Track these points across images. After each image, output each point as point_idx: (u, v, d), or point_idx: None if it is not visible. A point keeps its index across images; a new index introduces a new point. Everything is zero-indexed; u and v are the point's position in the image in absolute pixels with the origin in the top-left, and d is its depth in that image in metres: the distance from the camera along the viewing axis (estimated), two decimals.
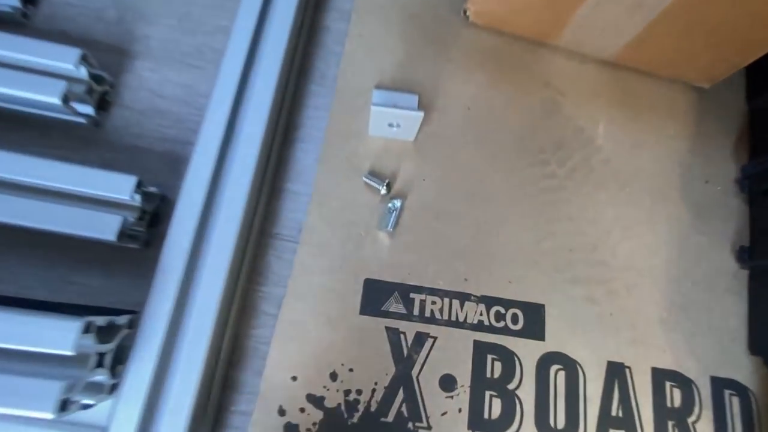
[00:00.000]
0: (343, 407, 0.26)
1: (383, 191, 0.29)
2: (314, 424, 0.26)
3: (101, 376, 0.20)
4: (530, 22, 0.33)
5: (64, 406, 0.17)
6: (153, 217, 0.27)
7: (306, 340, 0.27)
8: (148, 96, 0.31)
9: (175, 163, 0.29)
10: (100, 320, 0.19)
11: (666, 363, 0.29)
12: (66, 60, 0.25)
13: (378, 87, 0.32)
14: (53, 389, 0.17)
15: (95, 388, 0.20)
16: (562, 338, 0.29)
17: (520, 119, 0.33)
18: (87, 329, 0.18)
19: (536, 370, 0.28)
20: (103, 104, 0.29)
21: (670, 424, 0.28)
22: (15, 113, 0.28)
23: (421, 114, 0.27)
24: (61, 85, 0.25)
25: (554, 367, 0.28)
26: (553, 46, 0.35)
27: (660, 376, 0.29)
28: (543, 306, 0.29)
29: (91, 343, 0.18)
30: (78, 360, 0.18)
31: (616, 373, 0.29)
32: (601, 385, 0.28)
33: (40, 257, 0.27)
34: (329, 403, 0.26)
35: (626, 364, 0.29)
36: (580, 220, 0.31)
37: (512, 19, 0.34)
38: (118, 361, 0.21)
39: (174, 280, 0.23)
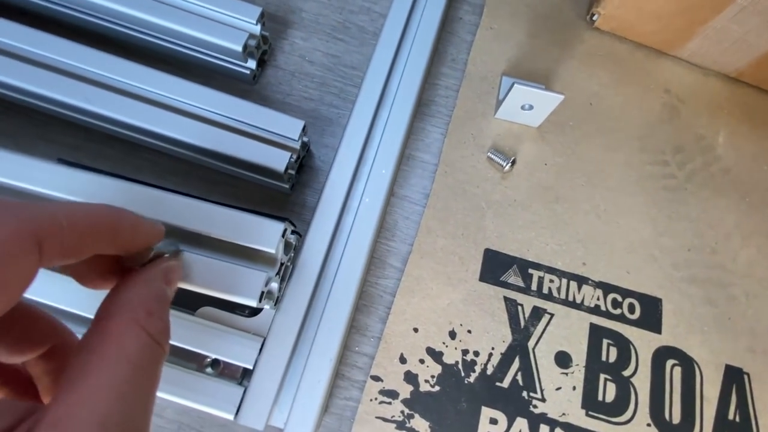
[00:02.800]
0: (460, 365, 0.27)
1: (507, 168, 0.31)
2: (432, 376, 0.27)
3: (275, 284, 0.22)
4: (657, 30, 0.35)
5: (260, 298, 0.19)
6: (299, 165, 0.30)
7: (428, 296, 0.28)
8: (299, 60, 0.34)
9: (317, 121, 0.33)
10: (290, 230, 0.21)
11: None
12: (249, 16, 0.29)
13: (505, 74, 0.35)
14: (260, 279, 0.19)
15: (267, 296, 0.22)
16: (678, 334, 0.29)
17: (640, 119, 0.35)
18: (283, 234, 0.20)
19: (652, 362, 0.28)
20: (261, 62, 0.33)
21: None
22: (183, 59, 0.32)
23: (562, 96, 0.29)
24: (245, 36, 0.29)
25: (670, 362, 0.28)
26: (675, 57, 0.37)
27: None
28: (660, 300, 0.30)
29: (282, 249, 0.21)
30: (269, 261, 0.21)
31: (734, 377, 0.28)
32: (719, 387, 0.28)
33: (194, 186, 0.30)
34: (448, 359, 0.27)
35: (745, 370, 0.29)
36: (699, 222, 0.32)
37: (640, 26, 0.36)
38: (283, 277, 0.23)
39: (333, 215, 0.25)
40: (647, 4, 0.33)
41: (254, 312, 0.23)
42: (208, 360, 0.22)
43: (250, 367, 0.21)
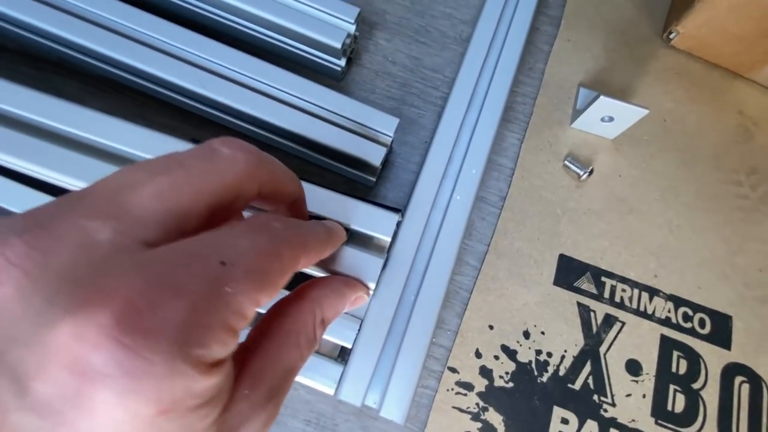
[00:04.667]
0: (533, 364, 0.28)
1: (584, 177, 0.33)
2: (506, 372, 0.28)
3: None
4: (736, 52, 0.36)
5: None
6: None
7: (503, 295, 0.30)
8: (382, 60, 0.36)
9: (399, 120, 0.34)
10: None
11: None
12: (348, 15, 0.31)
13: (582, 85, 0.36)
14: (377, 264, 0.20)
15: None
16: (748, 352, 0.30)
17: (713, 139, 0.36)
18: (396, 223, 0.22)
19: (721, 377, 0.29)
20: (348, 61, 0.35)
21: None
22: (276, 52, 0.34)
23: (647, 111, 0.31)
24: (344, 34, 0.31)
25: (739, 378, 0.29)
26: (750, 80, 0.38)
27: None
28: (730, 317, 0.31)
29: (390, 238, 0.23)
30: (378, 249, 0.22)
31: None
32: None
33: None
34: (521, 358, 0.29)
35: None
36: None
37: (719, 47, 0.37)
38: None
39: (424, 211, 0.27)
40: (731, 25, 0.34)
41: None
42: None
43: (349, 346, 0.23)
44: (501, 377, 0.28)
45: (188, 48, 0.29)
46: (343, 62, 0.33)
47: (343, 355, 0.24)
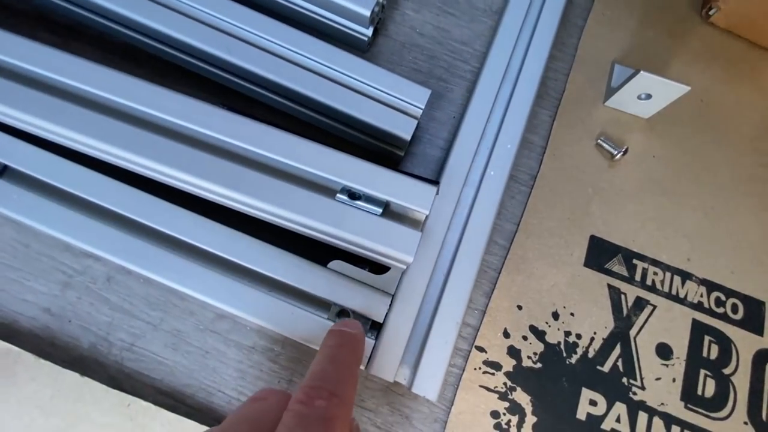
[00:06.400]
0: (562, 346, 0.28)
1: (618, 156, 0.32)
2: (535, 353, 0.28)
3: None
4: None
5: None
6: None
7: (532, 275, 0.30)
8: (409, 32, 0.35)
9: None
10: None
11: None
12: None
13: (617, 62, 0.35)
14: (415, 238, 0.20)
15: None
16: None
17: (752, 121, 0.35)
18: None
19: (752, 363, 0.29)
20: (374, 31, 0.34)
21: None
22: (300, 20, 0.33)
23: (688, 88, 0.30)
24: (373, 1, 0.30)
25: None
26: None
27: None
28: (764, 303, 0.30)
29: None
30: (414, 223, 0.22)
31: None
32: None
33: None
34: (550, 339, 0.28)
35: None
36: None
37: (759, 25, 0.35)
38: None
39: (457, 185, 0.26)
40: None
41: (377, 270, 0.25)
42: (337, 311, 0.24)
43: (380, 321, 0.23)
44: (529, 357, 0.28)
45: (213, 12, 0.28)
46: (370, 31, 0.32)
47: (373, 330, 0.24)
